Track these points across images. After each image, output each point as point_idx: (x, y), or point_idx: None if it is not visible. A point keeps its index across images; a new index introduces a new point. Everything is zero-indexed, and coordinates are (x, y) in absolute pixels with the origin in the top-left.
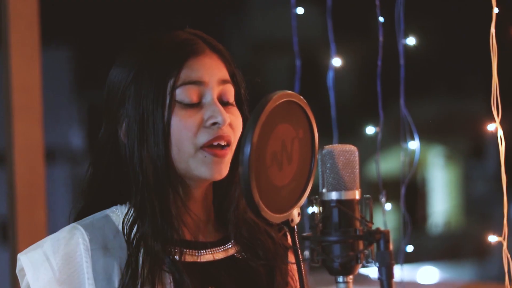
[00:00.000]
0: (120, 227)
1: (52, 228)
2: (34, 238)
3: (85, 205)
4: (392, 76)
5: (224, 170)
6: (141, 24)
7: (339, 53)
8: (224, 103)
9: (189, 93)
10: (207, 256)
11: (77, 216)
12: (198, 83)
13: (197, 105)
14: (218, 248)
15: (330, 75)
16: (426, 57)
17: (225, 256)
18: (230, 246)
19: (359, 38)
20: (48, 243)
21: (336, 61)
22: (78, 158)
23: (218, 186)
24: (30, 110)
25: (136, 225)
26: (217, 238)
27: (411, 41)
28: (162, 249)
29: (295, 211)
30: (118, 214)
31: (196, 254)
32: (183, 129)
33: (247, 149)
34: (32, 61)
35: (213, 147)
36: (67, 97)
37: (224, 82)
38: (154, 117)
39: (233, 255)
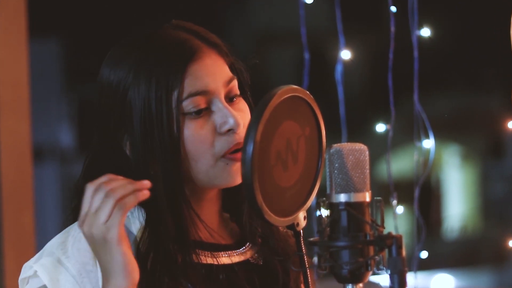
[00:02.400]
0: (132, 228)
1: (40, 231)
2: (21, 241)
3: (76, 217)
4: (405, 69)
5: None
6: (136, 14)
7: (348, 45)
8: (231, 99)
9: (196, 103)
10: (224, 259)
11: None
12: (204, 92)
13: (205, 112)
14: (234, 251)
15: (339, 68)
16: (441, 49)
17: (242, 259)
18: (245, 249)
19: (369, 29)
20: (48, 249)
21: (345, 54)
22: (68, 156)
23: (226, 188)
24: (17, 106)
25: (152, 249)
26: (232, 241)
27: (425, 32)
28: (182, 272)
29: (301, 215)
30: (128, 216)
31: (213, 255)
32: (198, 143)
33: (250, 148)
34: (19, 54)
35: (232, 152)
36: (56, 92)
37: (229, 82)
38: (161, 132)
39: (248, 260)
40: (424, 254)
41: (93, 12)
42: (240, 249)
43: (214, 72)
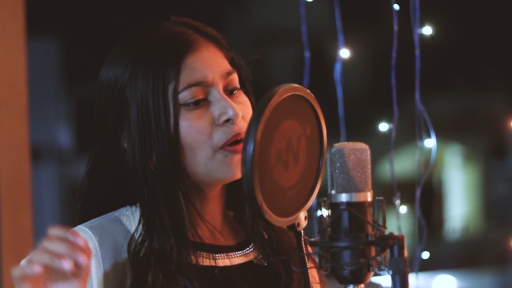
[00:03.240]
0: (132, 230)
1: (38, 232)
2: (19, 243)
3: (83, 218)
4: (406, 68)
5: None
6: (134, 13)
7: (349, 44)
8: (231, 92)
9: (194, 94)
10: (224, 260)
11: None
12: (201, 83)
13: (204, 103)
14: (236, 252)
15: (338, 67)
16: (443, 48)
17: (244, 261)
18: (249, 250)
19: (369, 28)
20: None
21: (344, 53)
22: (66, 156)
23: (230, 185)
24: (15, 106)
25: (145, 244)
26: (236, 242)
27: (427, 30)
28: (177, 269)
29: (302, 215)
30: (128, 215)
31: (213, 257)
32: (196, 134)
33: (250, 147)
34: (16, 53)
35: (231, 144)
36: (54, 91)
37: (227, 74)
38: (158, 124)
39: (251, 261)
40: (426, 255)
41: (92, 12)
42: (244, 251)
43: (212, 64)
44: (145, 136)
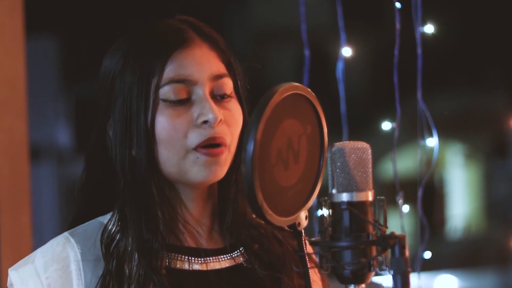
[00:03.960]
0: (108, 225)
1: (37, 232)
2: (18, 243)
3: (78, 214)
4: (408, 67)
5: (219, 171)
6: (134, 11)
7: (350, 42)
8: (220, 97)
9: (176, 91)
10: (212, 264)
11: (71, 225)
12: (186, 81)
13: (186, 102)
14: (224, 256)
15: (340, 66)
16: (445, 47)
17: (232, 264)
18: (238, 254)
19: (371, 26)
20: (38, 257)
21: (346, 51)
22: (66, 156)
23: (220, 189)
24: (14, 105)
25: (117, 237)
26: (223, 245)
27: (429, 29)
28: (149, 266)
29: (303, 214)
30: (113, 221)
31: (199, 261)
32: (172, 130)
33: (250, 147)
34: (15, 52)
35: (206, 146)
36: (53, 90)
37: (217, 77)
38: (138, 116)
39: (241, 264)
40: (427, 255)
41: (92, 10)
42: (231, 254)
43: (201, 63)
44: (126, 128)
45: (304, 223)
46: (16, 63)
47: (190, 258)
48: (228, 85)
